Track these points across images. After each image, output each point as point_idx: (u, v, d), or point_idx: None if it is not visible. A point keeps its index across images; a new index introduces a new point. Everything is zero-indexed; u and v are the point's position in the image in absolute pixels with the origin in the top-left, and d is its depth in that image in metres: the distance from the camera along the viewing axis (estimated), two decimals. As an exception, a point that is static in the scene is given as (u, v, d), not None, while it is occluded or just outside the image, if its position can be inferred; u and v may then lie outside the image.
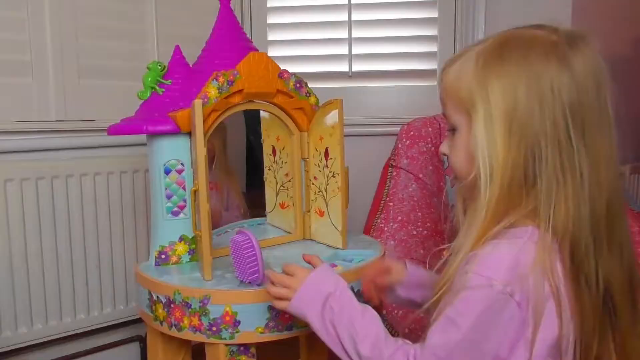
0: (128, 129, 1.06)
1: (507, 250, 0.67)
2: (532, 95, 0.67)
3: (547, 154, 0.67)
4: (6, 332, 1.46)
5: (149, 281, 1.01)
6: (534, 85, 0.67)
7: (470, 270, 0.67)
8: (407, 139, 1.75)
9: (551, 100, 0.66)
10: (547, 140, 0.66)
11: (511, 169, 0.68)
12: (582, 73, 0.67)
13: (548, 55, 0.67)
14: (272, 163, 1.29)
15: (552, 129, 0.66)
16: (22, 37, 1.49)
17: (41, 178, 1.49)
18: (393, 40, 1.99)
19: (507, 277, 0.65)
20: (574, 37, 0.69)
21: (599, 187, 0.68)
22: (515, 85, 0.67)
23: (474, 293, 0.66)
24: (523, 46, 0.69)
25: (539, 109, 0.66)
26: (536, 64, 0.67)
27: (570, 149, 0.67)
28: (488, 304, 0.65)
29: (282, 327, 0.94)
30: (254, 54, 1.09)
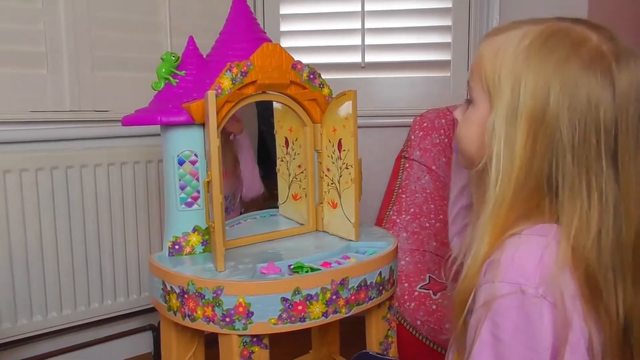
0: (142, 120, 1.06)
1: (530, 250, 0.63)
2: (564, 101, 0.62)
3: (571, 169, 0.63)
4: (22, 320, 1.48)
5: (163, 271, 1.01)
6: (569, 92, 0.62)
7: (495, 278, 0.63)
8: (420, 131, 1.74)
9: (585, 113, 0.62)
10: (573, 154, 0.62)
11: (526, 173, 0.64)
12: (624, 93, 0.62)
13: (592, 65, 0.63)
14: (284, 154, 1.29)
15: (580, 144, 0.62)
16: (36, 28, 1.50)
17: (55, 168, 1.51)
18: (406, 30, 1.97)
19: (536, 280, 0.61)
20: (626, 53, 0.64)
21: (628, 218, 0.63)
22: (549, 87, 0.63)
23: (506, 302, 0.62)
24: (569, 46, 0.64)
25: (568, 118, 0.62)
26: (577, 70, 0.63)
27: (599, 170, 0.62)
28: (524, 312, 0.61)
29: (295, 319, 0.94)
30: (267, 44, 1.09)
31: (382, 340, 1.16)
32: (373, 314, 1.14)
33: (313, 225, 1.24)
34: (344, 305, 0.99)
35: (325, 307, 0.96)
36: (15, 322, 1.48)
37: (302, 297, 0.94)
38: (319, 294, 0.95)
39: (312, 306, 0.95)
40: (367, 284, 1.02)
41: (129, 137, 1.66)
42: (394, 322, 1.18)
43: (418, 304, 1.47)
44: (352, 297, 1.00)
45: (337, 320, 1.01)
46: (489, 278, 0.64)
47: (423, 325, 1.45)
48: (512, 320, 0.61)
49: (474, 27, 1.95)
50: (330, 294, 0.96)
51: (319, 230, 1.24)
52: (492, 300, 0.62)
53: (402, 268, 1.54)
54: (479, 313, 0.64)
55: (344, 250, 1.09)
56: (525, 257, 0.63)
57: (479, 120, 0.70)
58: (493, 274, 0.63)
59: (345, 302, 0.99)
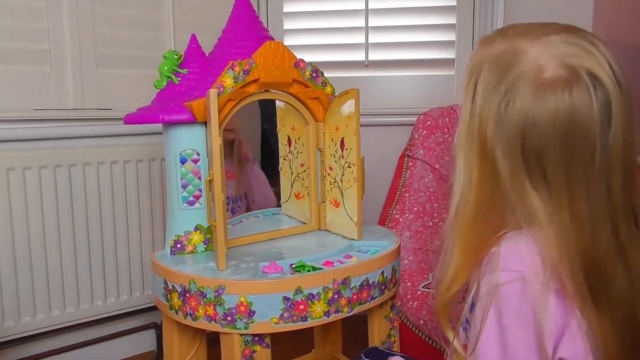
0: (144, 118, 1.06)
1: (527, 240, 0.64)
2: (497, 129, 0.65)
3: (504, 173, 0.65)
4: (25, 318, 1.49)
5: (165, 270, 1.01)
6: (500, 120, 0.65)
7: (496, 268, 0.64)
8: (423, 129, 1.74)
9: (511, 142, 0.64)
10: (504, 158, 0.65)
11: (484, 196, 0.67)
12: (545, 123, 0.62)
13: (525, 85, 0.64)
14: (287, 153, 1.28)
15: (507, 149, 0.64)
16: (40, 25, 1.50)
17: (59, 166, 1.51)
18: (410, 28, 1.97)
19: (537, 267, 0.62)
20: (560, 79, 0.62)
21: (568, 244, 0.63)
22: (488, 113, 0.66)
23: (508, 289, 0.62)
24: (509, 73, 0.65)
25: (501, 147, 0.65)
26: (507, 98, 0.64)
27: (529, 194, 0.64)
28: (525, 298, 0.61)
29: (296, 318, 0.94)
30: (270, 43, 1.09)
31: (384, 339, 1.15)
32: (375, 313, 1.13)
33: (315, 224, 1.23)
34: (346, 304, 0.99)
35: (327, 307, 0.96)
36: (18, 320, 1.48)
37: (304, 297, 0.94)
38: (320, 294, 0.95)
39: (314, 305, 0.95)
40: (369, 283, 1.01)
41: (133, 135, 1.66)
42: (396, 321, 1.18)
43: (421, 303, 1.46)
44: (354, 297, 0.99)
45: (340, 319, 1.01)
46: (490, 269, 0.65)
47: (426, 325, 1.44)
48: (514, 307, 0.62)
49: (478, 25, 1.94)
50: (332, 294, 0.96)
51: (322, 229, 1.23)
52: (494, 289, 0.63)
53: (405, 267, 1.53)
54: (483, 303, 0.65)
55: (346, 250, 1.09)
56: (525, 247, 0.64)
57: None
58: (494, 264, 0.64)
59: (347, 301, 0.99)
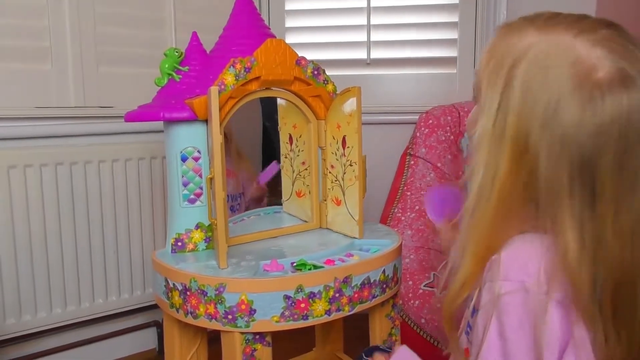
0: (145, 116, 1.06)
1: (533, 247, 0.62)
2: (544, 129, 0.59)
3: (545, 201, 0.61)
4: (26, 316, 1.48)
5: (166, 268, 1.01)
6: (549, 120, 0.59)
7: (498, 277, 0.61)
8: (425, 128, 1.73)
9: (561, 145, 0.59)
10: (547, 186, 0.60)
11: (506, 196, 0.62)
12: (606, 127, 0.57)
13: (578, 93, 0.58)
14: (288, 151, 1.28)
15: (552, 178, 0.60)
16: (41, 23, 1.50)
17: (60, 164, 1.50)
18: (412, 27, 1.96)
19: (540, 276, 0.59)
20: (624, 78, 0.57)
21: (604, 264, 0.59)
22: (533, 111, 0.60)
23: (509, 300, 0.60)
24: (563, 69, 0.59)
25: (547, 147, 0.59)
26: (562, 98, 0.59)
27: (571, 209, 0.59)
28: (527, 309, 0.59)
29: (297, 317, 0.94)
30: (271, 40, 1.08)
31: (385, 338, 1.15)
32: (377, 312, 1.13)
33: (317, 223, 1.23)
34: (347, 303, 0.98)
35: (328, 305, 0.96)
36: (19, 318, 1.48)
37: (305, 295, 0.93)
38: (322, 292, 0.94)
39: (315, 304, 0.94)
40: (370, 282, 1.01)
41: (134, 133, 1.66)
42: (397, 320, 1.18)
43: (422, 302, 1.46)
44: (356, 295, 0.99)
45: (341, 318, 1.01)
46: (491, 276, 0.63)
47: (427, 324, 1.44)
48: (517, 318, 0.60)
49: (480, 23, 1.93)
50: (333, 292, 0.96)
51: (323, 228, 1.23)
52: (495, 299, 0.61)
53: (406, 266, 1.53)
54: (485, 312, 0.63)
55: (348, 248, 1.08)
56: (528, 254, 0.61)
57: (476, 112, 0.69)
58: (495, 273, 0.62)
59: (348, 300, 0.98)
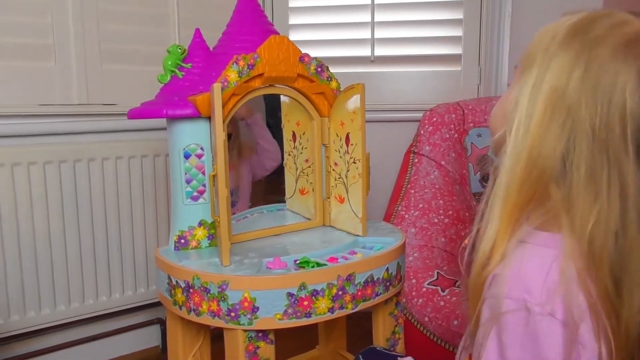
0: (147, 113, 1.06)
1: (536, 264, 0.60)
2: (587, 84, 0.59)
3: (589, 155, 0.58)
4: (30, 313, 1.49)
5: (168, 265, 1.01)
6: (593, 74, 0.59)
7: (500, 294, 0.60)
8: (429, 125, 1.72)
9: (609, 98, 0.58)
10: (594, 139, 0.58)
11: (538, 152, 0.60)
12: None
13: (625, 49, 0.59)
14: (292, 148, 1.28)
15: (602, 130, 0.58)
16: (44, 21, 1.50)
17: (63, 161, 1.51)
18: (417, 24, 1.95)
19: (542, 296, 0.58)
20: None
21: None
22: (574, 65, 0.60)
23: (511, 319, 0.59)
24: (606, 28, 0.60)
25: (591, 100, 0.58)
26: (607, 53, 0.59)
27: (622, 163, 0.58)
28: (529, 330, 0.58)
29: (300, 314, 0.94)
30: (274, 37, 1.08)
31: (389, 336, 1.15)
32: (380, 310, 1.13)
33: (320, 220, 1.23)
34: (350, 301, 0.98)
35: (331, 303, 0.95)
36: (24, 315, 1.48)
37: (308, 293, 0.93)
38: (325, 290, 0.94)
39: (318, 302, 0.94)
40: (373, 280, 1.01)
41: (137, 130, 1.66)
42: (401, 318, 1.17)
43: (426, 300, 1.45)
44: (359, 293, 0.99)
45: (344, 316, 1.00)
46: (493, 293, 0.61)
47: (431, 322, 1.43)
48: (518, 338, 0.59)
49: (485, 21, 1.92)
50: (336, 290, 0.95)
51: (326, 225, 1.22)
52: (497, 317, 0.60)
53: (410, 264, 1.52)
54: (485, 328, 0.62)
55: (351, 246, 1.08)
56: (531, 272, 0.60)
57: (507, 97, 0.69)
58: (498, 289, 0.61)
59: (351, 297, 0.98)
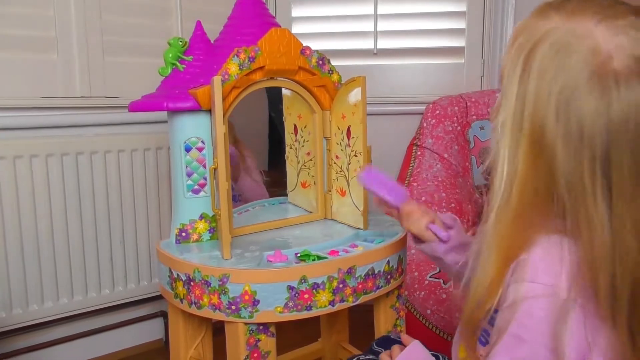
0: (148, 106, 1.06)
1: (558, 250, 0.59)
2: (560, 122, 0.57)
3: (565, 195, 0.57)
4: (33, 305, 1.49)
5: (170, 259, 1.01)
6: (565, 112, 0.56)
7: (525, 278, 0.59)
8: (432, 118, 1.72)
9: (579, 138, 0.56)
10: (567, 180, 0.57)
11: (528, 192, 0.59)
12: (621, 118, 0.54)
13: (594, 84, 0.55)
14: (293, 142, 1.27)
15: (572, 171, 0.56)
16: (47, 13, 1.50)
17: (66, 154, 1.50)
18: (420, 16, 1.94)
19: (568, 281, 0.57)
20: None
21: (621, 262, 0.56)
22: (549, 104, 0.57)
23: (537, 303, 0.58)
24: (579, 61, 0.56)
25: (563, 141, 0.56)
26: (577, 90, 0.56)
27: (590, 204, 0.56)
28: (555, 315, 0.57)
29: (301, 307, 0.94)
30: (275, 30, 1.07)
31: (390, 329, 1.15)
32: (381, 303, 1.13)
33: (322, 213, 1.22)
34: (351, 294, 0.98)
35: (332, 296, 0.95)
36: (26, 308, 1.48)
37: (309, 286, 0.93)
38: (325, 283, 0.94)
39: (319, 295, 0.94)
40: (374, 273, 1.01)
41: (140, 123, 1.66)
42: (402, 311, 1.17)
43: (428, 292, 1.45)
44: (360, 286, 0.99)
45: (346, 308, 1.00)
46: (517, 277, 0.60)
47: (433, 315, 1.43)
48: (541, 323, 0.57)
49: (489, 13, 1.91)
50: (337, 283, 0.95)
51: (328, 219, 1.22)
52: (520, 301, 0.59)
53: (412, 257, 1.52)
54: (506, 314, 0.60)
55: (352, 239, 1.08)
56: (556, 256, 0.59)
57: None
58: (522, 274, 0.59)
59: (352, 290, 0.98)
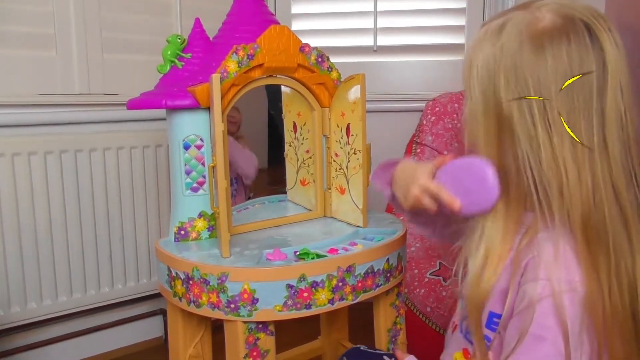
0: (146, 104, 1.05)
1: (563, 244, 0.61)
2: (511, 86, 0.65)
3: (521, 134, 0.63)
4: (31, 304, 1.49)
5: (168, 257, 1.00)
6: (512, 73, 0.66)
7: (540, 276, 0.60)
8: (432, 115, 1.71)
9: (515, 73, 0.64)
10: (520, 116, 0.63)
11: (495, 153, 0.66)
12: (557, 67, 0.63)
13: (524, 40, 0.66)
14: (292, 139, 1.27)
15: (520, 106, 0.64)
16: (45, 9, 1.49)
17: (65, 151, 1.50)
18: (420, 13, 1.94)
19: (581, 274, 0.59)
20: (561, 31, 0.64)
21: (572, 203, 0.61)
22: (494, 73, 0.67)
23: (558, 301, 0.58)
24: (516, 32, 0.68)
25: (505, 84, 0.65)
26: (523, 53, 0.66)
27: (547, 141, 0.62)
28: (578, 310, 0.58)
29: (300, 306, 0.93)
30: (274, 27, 1.07)
31: (390, 327, 1.14)
32: (381, 301, 1.12)
33: (321, 211, 1.22)
34: (350, 292, 0.97)
35: (331, 294, 0.95)
36: (25, 306, 1.48)
37: (308, 284, 0.93)
38: (324, 281, 0.94)
39: (318, 293, 0.94)
40: (374, 271, 1.00)
41: (139, 121, 1.65)
42: (402, 309, 1.17)
43: (428, 290, 1.45)
44: (359, 284, 0.98)
45: (345, 307, 1.00)
46: (532, 277, 0.61)
47: (433, 312, 1.43)
48: (564, 320, 0.58)
49: (488, 10, 1.90)
50: (336, 281, 0.95)
51: (327, 216, 1.22)
52: (537, 301, 0.59)
53: (412, 254, 1.52)
54: (524, 315, 0.61)
55: (352, 237, 1.07)
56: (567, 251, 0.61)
57: None
58: (536, 272, 0.60)
59: (351, 289, 0.97)
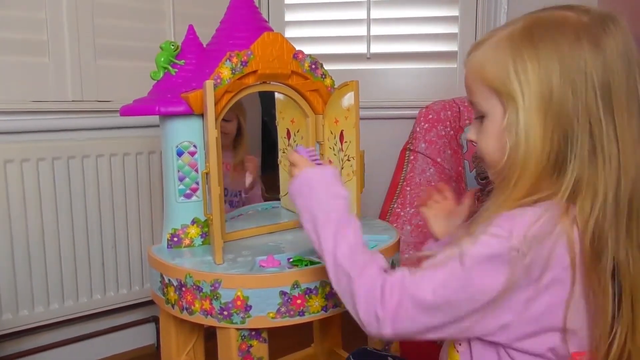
0: (140, 110, 1.05)
1: (533, 213, 0.66)
2: (565, 79, 0.66)
3: (580, 137, 0.66)
4: (23, 311, 1.48)
5: (161, 264, 1.00)
6: (567, 69, 0.66)
7: (492, 223, 0.67)
8: (425, 123, 1.72)
9: (584, 84, 0.66)
10: (580, 123, 0.66)
11: (547, 155, 0.67)
12: (613, 54, 0.66)
13: (579, 38, 0.67)
14: (286, 146, 1.27)
15: (584, 112, 0.66)
16: (38, 16, 1.49)
17: (57, 158, 1.49)
18: (413, 21, 1.95)
19: (526, 238, 0.64)
20: (604, 19, 0.68)
21: (625, 171, 0.66)
22: (550, 71, 0.66)
23: (490, 239, 0.66)
24: (554, 29, 0.68)
25: (572, 93, 0.66)
26: (567, 47, 0.66)
27: (600, 132, 0.66)
28: (498, 253, 0.65)
29: (293, 313, 0.93)
30: (268, 34, 1.07)
31: (383, 334, 1.14)
32: (374, 308, 1.12)
33: (314, 218, 1.22)
34: (344, 299, 0.97)
35: (324, 301, 0.95)
36: (16, 313, 1.47)
37: (301, 291, 0.92)
38: (318, 288, 0.94)
39: (312, 300, 0.94)
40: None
41: (132, 127, 1.65)
42: (396, 316, 1.16)
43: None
44: (353, 291, 0.98)
45: (339, 313, 1.00)
46: (489, 223, 0.68)
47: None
48: (483, 254, 0.65)
49: (481, 18, 1.91)
50: (329, 288, 0.95)
51: (321, 223, 1.22)
52: (479, 234, 0.67)
53: (405, 261, 1.52)
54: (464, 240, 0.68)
55: (345, 244, 1.07)
56: (528, 217, 0.66)
57: (498, 129, 0.71)
58: (492, 220, 0.68)
59: (345, 296, 0.97)
